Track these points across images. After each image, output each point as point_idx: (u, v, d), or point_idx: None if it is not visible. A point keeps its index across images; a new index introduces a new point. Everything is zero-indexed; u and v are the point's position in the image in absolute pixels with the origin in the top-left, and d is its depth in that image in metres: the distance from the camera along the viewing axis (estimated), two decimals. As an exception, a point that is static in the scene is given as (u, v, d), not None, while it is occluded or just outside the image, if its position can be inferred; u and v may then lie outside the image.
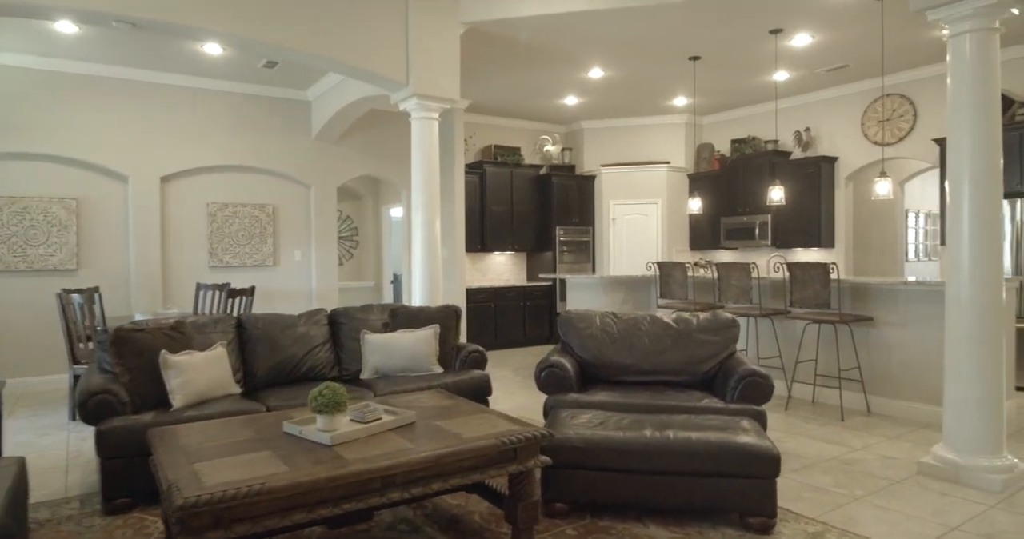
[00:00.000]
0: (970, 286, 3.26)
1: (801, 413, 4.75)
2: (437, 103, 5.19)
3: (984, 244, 3.24)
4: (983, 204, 3.24)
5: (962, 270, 3.29)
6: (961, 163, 3.28)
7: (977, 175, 3.23)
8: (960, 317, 3.30)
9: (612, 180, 8.89)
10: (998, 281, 3.25)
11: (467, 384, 3.98)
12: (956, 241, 3.32)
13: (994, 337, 3.25)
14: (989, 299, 3.23)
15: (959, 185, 3.29)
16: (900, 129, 6.75)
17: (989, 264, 3.24)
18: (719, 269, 5.35)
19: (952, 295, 3.34)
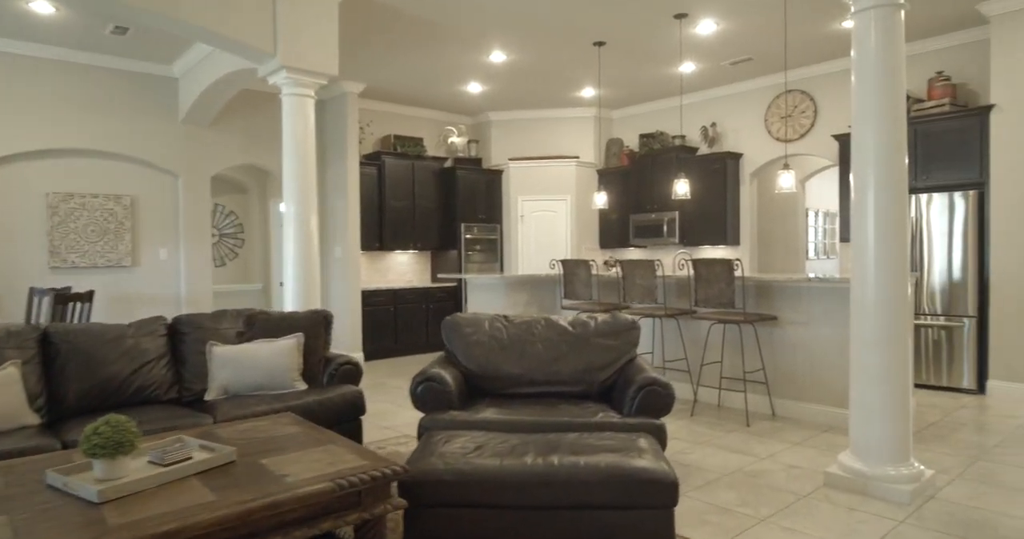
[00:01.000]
0: (876, 285, 3.04)
1: (707, 418, 4.49)
2: (312, 78, 4.58)
3: (891, 241, 3.03)
4: (890, 193, 3.02)
5: (867, 268, 3.07)
6: (866, 147, 3.05)
7: (882, 160, 3.02)
8: (866, 318, 3.08)
9: (520, 175, 8.51)
10: (904, 280, 3.04)
11: (334, 403, 3.42)
12: (861, 237, 3.09)
13: (901, 338, 3.04)
14: (896, 299, 3.02)
15: (864, 172, 3.06)
16: (802, 126, 6.72)
17: (895, 262, 3.03)
18: (624, 267, 5.04)
19: (857, 294, 3.12)
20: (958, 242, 5.12)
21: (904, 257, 3.05)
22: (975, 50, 5.48)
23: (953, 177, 5.19)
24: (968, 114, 5.08)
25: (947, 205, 5.17)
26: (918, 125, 5.36)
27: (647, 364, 3.36)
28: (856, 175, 3.11)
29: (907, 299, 3.05)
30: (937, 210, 5.23)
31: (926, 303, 5.29)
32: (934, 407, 4.67)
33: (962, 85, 5.56)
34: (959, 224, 5.11)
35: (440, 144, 8.71)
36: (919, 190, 5.45)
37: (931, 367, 5.26)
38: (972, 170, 5.09)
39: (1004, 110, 4.89)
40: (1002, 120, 4.90)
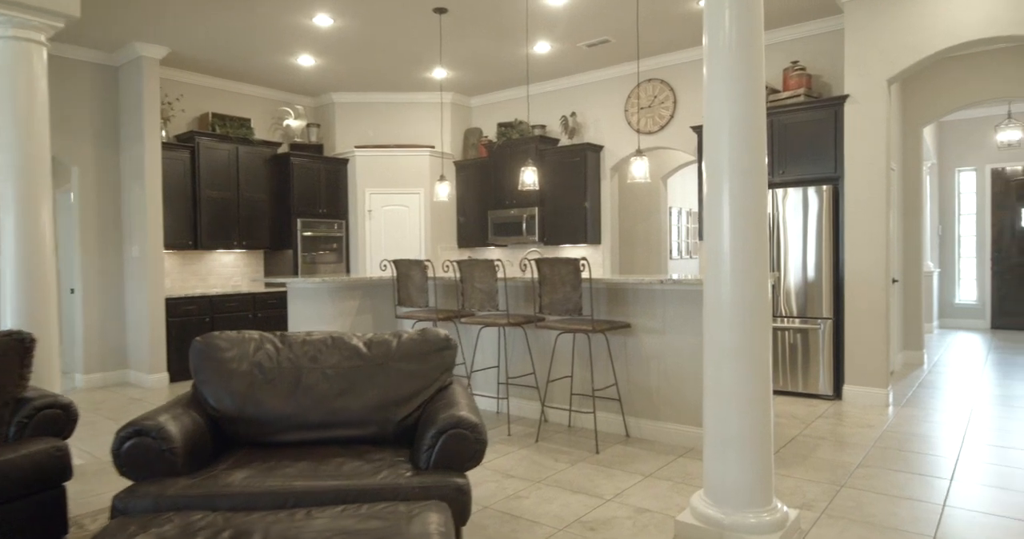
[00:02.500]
0: (733, 287, 2.48)
1: (554, 445, 3.84)
2: (39, 18, 3.43)
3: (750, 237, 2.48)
4: (748, 184, 2.47)
5: (722, 268, 2.50)
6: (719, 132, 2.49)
7: (739, 147, 2.47)
8: (720, 326, 2.52)
9: (368, 164, 7.56)
10: (764, 283, 2.51)
11: (19, 467, 2.37)
12: (715, 234, 2.53)
13: (761, 352, 2.50)
14: (755, 303, 2.48)
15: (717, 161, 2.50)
16: (661, 117, 6.34)
17: (754, 261, 2.48)
18: (462, 269, 4.29)
19: (712, 299, 2.55)
20: (813, 240, 4.86)
21: (764, 256, 2.52)
22: (830, 40, 5.28)
23: (809, 171, 4.93)
24: (823, 105, 4.83)
25: (802, 201, 4.90)
26: (774, 116, 5.07)
27: (464, 393, 2.61)
28: (709, 165, 2.55)
29: (767, 304, 2.52)
30: (793, 206, 4.94)
31: (783, 304, 5.00)
32: (793, 418, 4.33)
33: (817, 77, 5.35)
34: (814, 221, 4.85)
35: (274, 127, 7.57)
36: (775, 185, 5.16)
37: (788, 372, 4.98)
38: (827, 164, 4.85)
39: (858, 101, 4.67)
40: (856, 111, 4.68)
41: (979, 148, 8.79)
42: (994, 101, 5.83)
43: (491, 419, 4.47)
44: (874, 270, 4.63)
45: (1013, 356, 6.64)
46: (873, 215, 4.62)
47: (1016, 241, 8.62)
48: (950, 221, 9.09)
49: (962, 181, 9.06)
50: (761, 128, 2.49)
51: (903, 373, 5.85)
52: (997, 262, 8.76)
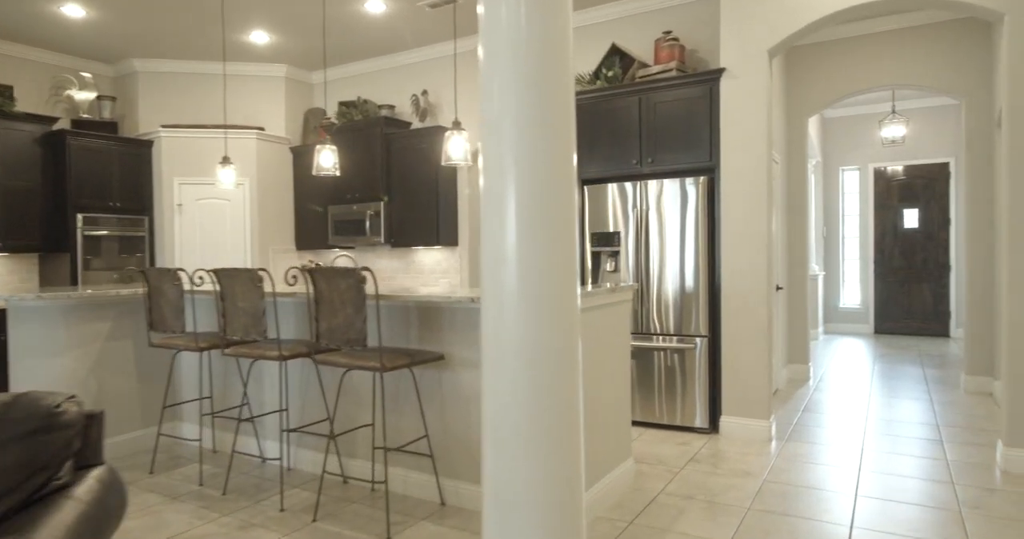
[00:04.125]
0: (520, 315, 1.50)
1: (337, 524, 2.75)
2: None
3: (547, 245, 1.51)
4: (545, 178, 1.51)
5: (505, 289, 1.51)
6: (503, 110, 1.50)
7: (531, 128, 1.50)
8: (502, 367, 1.53)
9: (179, 148, 6.16)
10: (569, 312, 1.54)
11: None
12: (496, 242, 1.55)
13: (568, 398, 1.53)
14: (554, 339, 1.50)
15: (497, 144, 1.51)
16: (524, 97, 5.40)
17: (557, 278, 1.51)
18: (220, 281, 3.11)
19: (491, 331, 1.55)
20: (691, 242, 4.05)
21: (571, 271, 1.55)
22: (707, 9, 4.51)
23: (683, 160, 4.12)
24: (697, 81, 4.03)
25: (678, 195, 4.08)
26: (642, 94, 4.23)
27: (87, 494, 1.47)
28: (488, 152, 1.56)
29: (571, 338, 1.56)
30: (668, 202, 4.12)
31: (657, 320, 4.16)
32: (659, 464, 3.47)
33: (693, 51, 4.57)
34: (691, 219, 4.04)
35: (53, 99, 6.01)
36: (643, 176, 4.33)
37: (664, 401, 4.14)
38: (702, 151, 4.05)
39: (735, 75, 3.89)
40: (733, 88, 3.90)
41: (863, 146, 8.53)
42: (878, 89, 5.31)
43: (272, 483, 3.32)
44: (755, 278, 3.86)
45: (897, 365, 6.22)
46: (754, 212, 3.86)
47: (899, 243, 8.41)
48: (834, 222, 8.80)
49: (846, 180, 8.78)
50: (567, 107, 1.53)
51: (788, 392, 5.21)
52: (880, 265, 8.52)
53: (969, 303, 4.99)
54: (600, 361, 2.95)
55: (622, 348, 3.17)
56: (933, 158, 8.09)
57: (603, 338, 2.97)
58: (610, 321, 3.04)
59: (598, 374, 2.92)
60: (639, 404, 4.21)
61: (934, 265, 8.18)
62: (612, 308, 3.04)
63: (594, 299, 2.83)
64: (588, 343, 2.82)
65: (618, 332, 3.12)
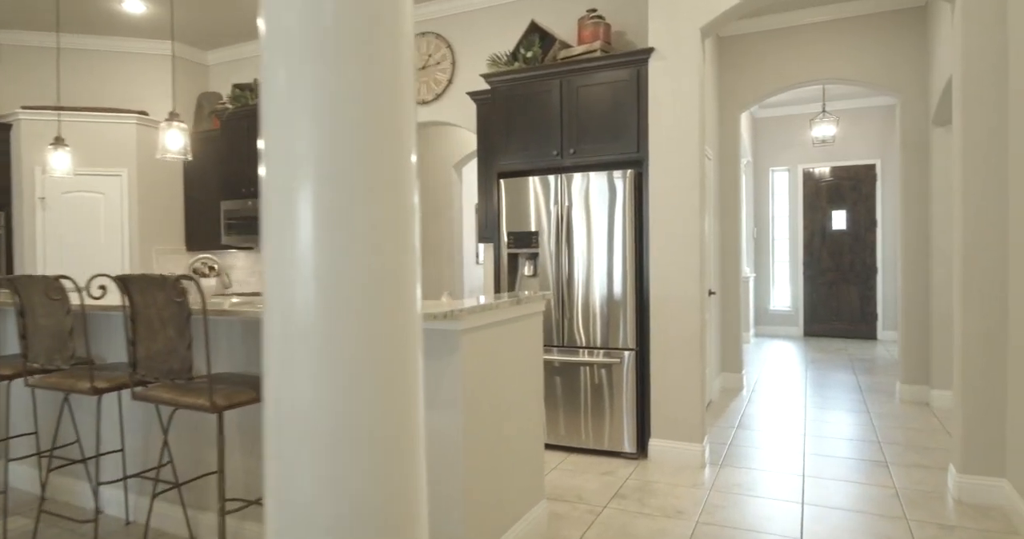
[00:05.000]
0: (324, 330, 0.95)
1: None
2: None
3: (361, 249, 0.97)
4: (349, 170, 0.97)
5: (297, 301, 0.97)
6: (295, 84, 0.95)
7: (333, 107, 0.95)
8: (284, 419, 0.98)
9: (42, 133, 5.29)
10: (412, 326, 1.01)
11: None
12: (284, 241, 0.99)
13: (408, 436, 0.99)
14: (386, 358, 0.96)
15: (281, 132, 0.97)
16: (437, 82, 4.86)
17: (367, 285, 0.98)
18: (19, 292, 2.42)
19: (276, 350, 1.00)
20: (618, 243, 3.60)
21: (405, 282, 1.02)
22: (633, -14, 4.10)
23: (608, 150, 3.68)
24: (623, 62, 3.60)
25: (604, 190, 3.63)
26: (563, 78, 3.77)
27: None
28: (272, 130, 1.00)
29: (411, 374, 1.04)
30: (593, 198, 3.66)
31: (582, 332, 3.70)
32: (578, 501, 3.00)
33: (620, 33, 4.15)
34: (618, 217, 3.60)
35: None
36: (565, 169, 3.87)
37: (591, 423, 3.69)
38: (629, 141, 3.62)
39: (665, 56, 3.47)
40: (663, 70, 3.48)
41: (792, 147, 8.41)
42: (812, 83, 5.05)
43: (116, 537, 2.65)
44: (686, 283, 3.46)
45: (830, 372, 6.02)
46: (685, 209, 3.46)
47: (827, 245, 8.33)
48: (765, 223, 8.66)
49: (776, 181, 8.66)
50: (403, 81, 1.00)
51: (721, 403, 4.87)
52: (809, 267, 8.43)
53: (903, 309, 4.78)
54: (502, 389, 2.44)
55: (532, 370, 2.68)
56: (860, 160, 8.05)
57: (505, 361, 2.47)
58: (514, 339, 2.54)
59: (500, 405, 2.42)
60: (564, 426, 3.74)
61: (861, 267, 8.14)
62: (517, 324, 2.54)
63: (491, 314, 2.32)
64: (485, 369, 2.31)
65: (526, 351, 2.63)
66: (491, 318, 2.31)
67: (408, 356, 1.05)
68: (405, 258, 1.03)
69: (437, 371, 2.19)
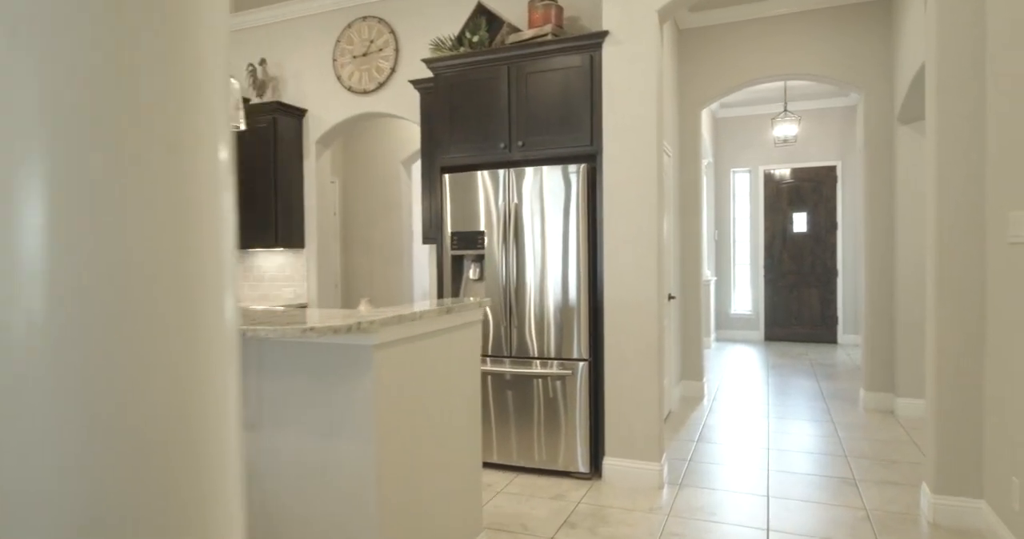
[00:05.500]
0: None
1: None
2: None
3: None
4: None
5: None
6: None
7: None
8: None
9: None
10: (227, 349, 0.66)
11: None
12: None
13: None
14: None
15: None
16: (380, 70, 4.50)
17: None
18: None
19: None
20: (571, 243, 3.30)
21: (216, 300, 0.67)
22: (587, -32, 3.82)
23: (561, 143, 3.38)
24: (576, 47, 3.31)
25: (555, 186, 3.33)
26: (513, 63, 3.46)
27: None
28: None
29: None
30: (544, 194, 3.36)
31: (535, 341, 3.39)
32: (523, 531, 2.68)
33: (575, 18, 3.86)
34: (572, 215, 3.30)
35: None
36: (515, 163, 3.56)
37: (543, 439, 3.37)
38: (582, 132, 3.33)
39: (620, 41, 3.20)
40: (618, 55, 3.21)
41: (753, 148, 8.28)
42: (774, 78, 4.86)
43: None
44: (643, 287, 3.18)
45: (792, 378, 5.86)
46: (642, 207, 3.18)
47: (788, 248, 8.22)
48: (726, 225, 8.52)
49: (737, 183, 8.52)
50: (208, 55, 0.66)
51: (681, 414, 4.62)
52: (769, 270, 8.31)
53: (867, 314, 4.61)
54: (430, 410, 2.11)
55: (467, 388, 2.35)
56: (821, 161, 7.96)
57: (434, 378, 2.14)
58: (445, 353, 2.21)
59: (426, 429, 2.09)
60: (512, 444, 3.42)
61: (822, 270, 8.05)
62: (448, 336, 2.22)
63: (412, 326, 1.99)
64: (406, 389, 1.98)
65: (460, 366, 2.30)
66: (413, 330, 1.98)
67: (210, 391, 0.71)
68: (198, 254, 0.70)
69: (343, 395, 1.85)
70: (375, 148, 6.01)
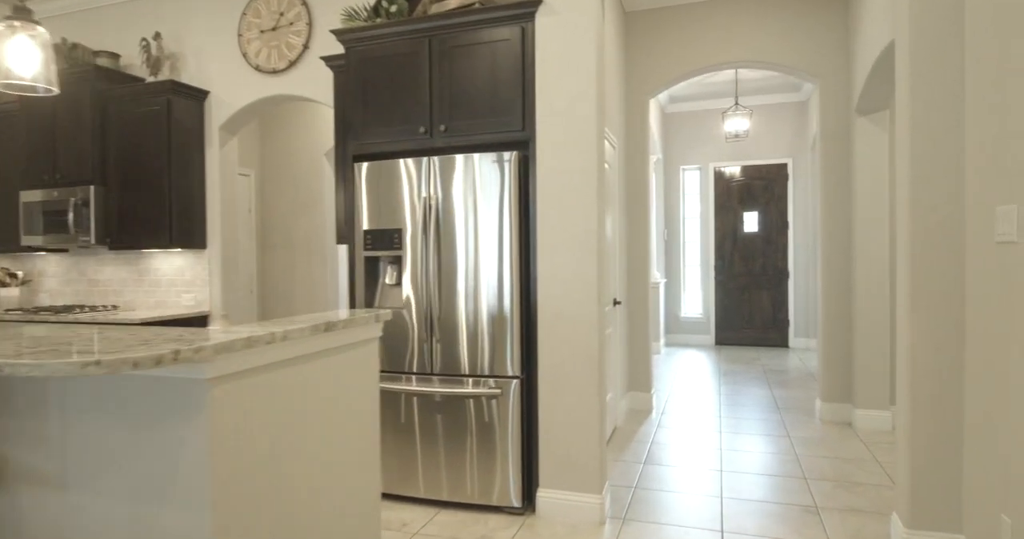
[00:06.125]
0: None
1: None
2: None
3: None
4: None
5: None
6: None
7: None
8: None
9: None
10: None
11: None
12: None
13: None
14: None
15: None
16: (291, 46, 3.97)
17: None
18: None
19: None
20: (502, 243, 2.86)
21: None
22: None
23: (488, 128, 2.94)
24: (506, 17, 2.87)
25: (485, 177, 2.88)
26: (435, 35, 3.00)
27: None
28: None
29: None
30: (473, 186, 2.90)
31: (465, 356, 2.93)
32: (440, 589, 2.23)
33: (506, -10, 3.43)
34: (503, 211, 2.86)
35: None
36: (437, 150, 3.11)
37: (472, 470, 2.92)
38: (513, 115, 2.90)
39: (556, 10, 2.78)
40: (553, 26, 2.79)
41: (704, 144, 8.04)
42: (727, 66, 4.55)
43: None
44: (581, 293, 2.77)
45: (744, 386, 5.58)
46: (579, 202, 2.77)
47: (738, 248, 8.00)
48: (676, 225, 8.25)
49: (687, 181, 8.27)
50: None
51: (627, 431, 4.25)
52: (720, 271, 8.08)
53: (823, 320, 4.34)
54: (303, 456, 1.64)
55: (360, 422, 1.89)
56: (772, 159, 7.77)
57: (309, 414, 1.67)
58: (327, 380, 1.74)
59: (297, 481, 1.61)
60: (433, 475, 2.96)
61: (773, 271, 7.86)
62: (331, 359, 1.75)
63: (266, 351, 1.52)
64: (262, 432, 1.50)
65: (350, 396, 1.83)
66: (272, 355, 1.51)
67: None
68: None
69: (165, 445, 1.37)
70: (295, 138, 5.46)
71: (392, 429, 3.03)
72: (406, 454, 3.00)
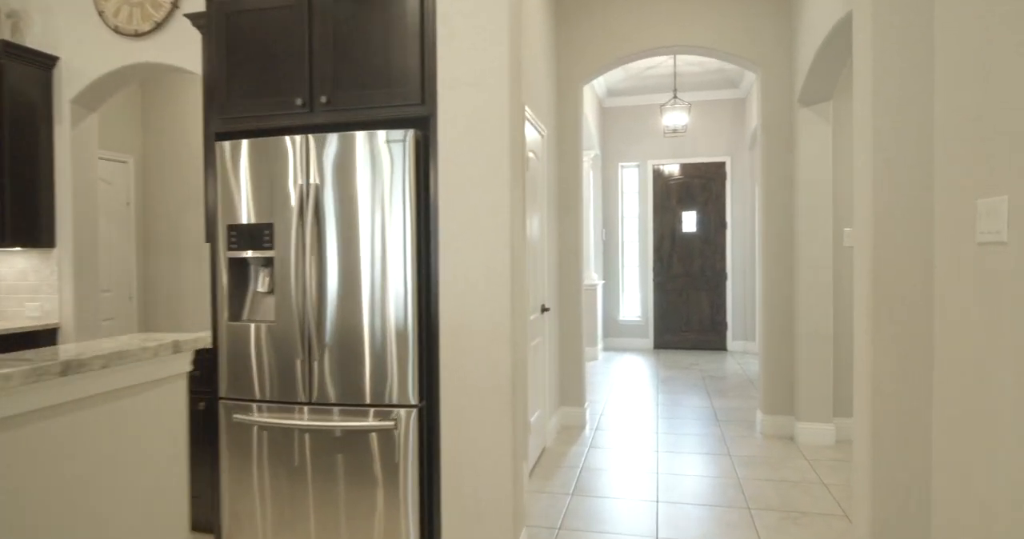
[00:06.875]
0: None
1: None
2: None
3: None
4: None
5: None
6: None
7: None
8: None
9: None
10: None
11: None
12: None
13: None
14: None
15: None
16: (158, 5, 3.33)
17: None
18: None
19: None
20: (396, 242, 2.34)
21: None
22: None
23: (380, 99, 2.41)
24: (400, -34, 2.35)
25: (376, 159, 2.35)
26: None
27: None
28: None
29: None
30: (361, 171, 2.36)
31: (347, 381, 2.39)
32: None
33: (411, -57, 2.90)
34: (397, 201, 2.34)
35: None
36: (317, 127, 2.56)
37: (354, 524, 2.38)
38: (410, 85, 2.38)
39: (458, -45, 2.28)
40: (455, -23, 2.29)
41: (643, 141, 7.72)
42: (664, 50, 4.17)
43: None
44: (491, 304, 2.28)
45: (683, 395, 5.24)
46: (489, 192, 2.28)
47: (677, 249, 7.72)
48: (614, 224, 7.90)
49: (625, 178, 7.94)
50: None
51: (557, 453, 3.80)
52: (659, 273, 7.78)
53: (763, 328, 4.01)
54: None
55: (163, 483, 1.33)
56: (710, 157, 7.52)
57: (77, 487, 1.10)
58: (111, 435, 1.18)
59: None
60: (309, 532, 2.41)
61: (711, 272, 7.62)
62: (114, 407, 1.19)
63: (28, 398, 0.96)
64: None
65: (146, 455, 1.28)
66: (35, 402, 0.94)
67: None
68: None
69: None
70: (185, 118, 4.77)
71: (245, 482, 2.46)
72: (275, 510, 2.44)
